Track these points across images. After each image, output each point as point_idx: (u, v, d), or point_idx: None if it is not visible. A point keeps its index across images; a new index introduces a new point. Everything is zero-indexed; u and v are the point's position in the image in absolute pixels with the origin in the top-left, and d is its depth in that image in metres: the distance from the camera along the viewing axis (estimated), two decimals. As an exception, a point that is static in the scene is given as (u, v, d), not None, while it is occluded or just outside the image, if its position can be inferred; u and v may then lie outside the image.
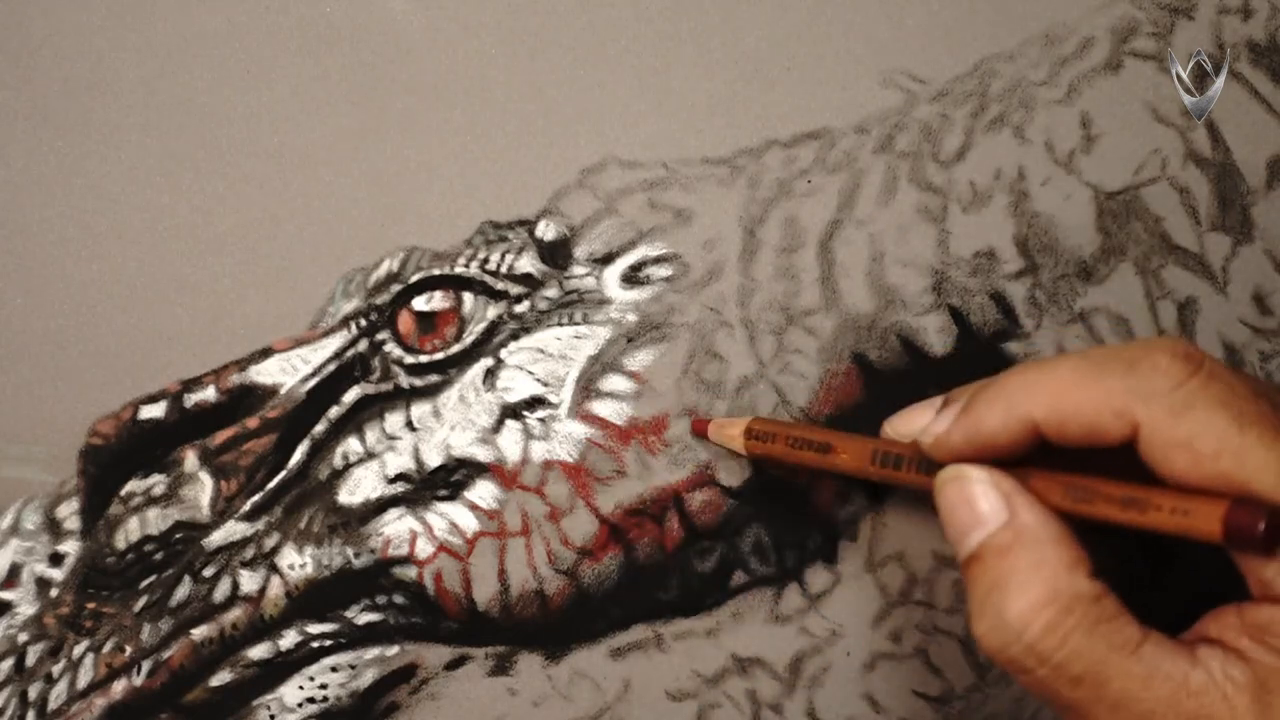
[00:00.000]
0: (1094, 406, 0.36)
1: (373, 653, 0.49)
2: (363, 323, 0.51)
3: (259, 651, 0.49)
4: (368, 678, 0.49)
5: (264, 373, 0.51)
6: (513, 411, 0.49)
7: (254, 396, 0.51)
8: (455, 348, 0.50)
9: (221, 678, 0.49)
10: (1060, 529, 0.38)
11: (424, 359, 0.50)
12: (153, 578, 0.50)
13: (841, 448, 0.44)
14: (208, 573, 0.50)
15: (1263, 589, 0.36)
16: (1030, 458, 0.39)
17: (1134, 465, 0.37)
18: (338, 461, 0.50)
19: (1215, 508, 0.35)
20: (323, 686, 0.49)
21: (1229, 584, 0.37)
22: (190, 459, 0.51)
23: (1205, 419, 0.35)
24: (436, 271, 0.51)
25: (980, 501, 0.39)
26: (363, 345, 0.51)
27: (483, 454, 0.49)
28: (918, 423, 0.42)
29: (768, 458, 0.47)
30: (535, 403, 0.49)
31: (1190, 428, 0.35)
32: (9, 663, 0.51)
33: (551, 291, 0.51)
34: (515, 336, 0.50)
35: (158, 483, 0.51)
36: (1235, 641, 0.36)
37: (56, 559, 0.52)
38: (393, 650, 0.50)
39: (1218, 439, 0.35)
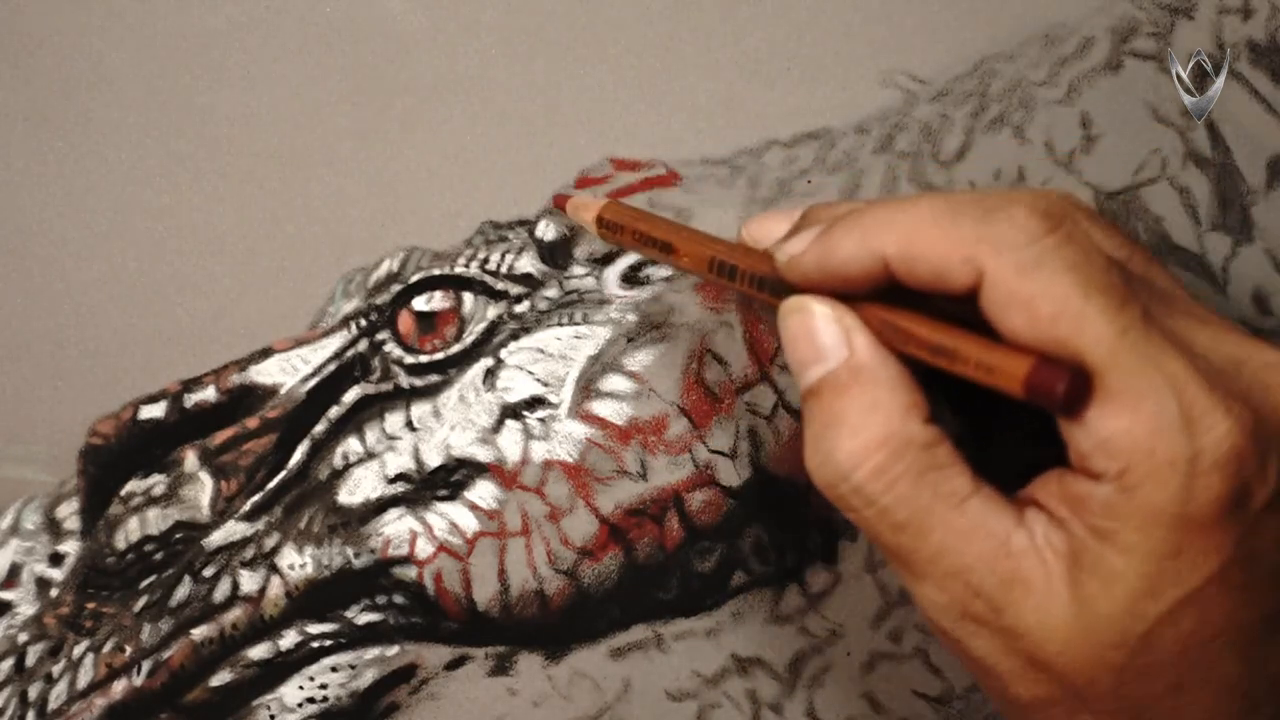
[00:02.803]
0: (943, 250, 0.35)
1: (373, 653, 0.50)
2: (363, 323, 0.51)
3: (259, 651, 0.49)
4: (368, 678, 0.50)
5: (264, 373, 0.51)
6: (513, 411, 0.49)
7: (254, 396, 0.51)
8: (455, 348, 0.50)
9: (221, 678, 0.49)
10: (899, 371, 0.37)
11: (424, 359, 0.50)
12: (153, 578, 0.50)
13: (684, 250, 0.43)
14: (208, 573, 0.50)
15: (1080, 461, 0.35)
16: (885, 296, 0.37)
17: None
18: (338, 461, 0.50)
19: (1020, 364, 0.34)
20: (323, 686, 0.49)
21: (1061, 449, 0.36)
22: (190, 459, 0.51)
23: (1049, 280, 0.34)
24: (436, 271, 0.51)
25: (821, 335, 0.38)
26: (363, 345, 0.51)
27: (483, 454, 0.49)
28: (773, 231, 0.41)
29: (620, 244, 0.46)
30: (535, 403, 0.50)
31: (1033, 287, 0.34)
32: (9, 663, 0.51)
33: (551, 291, 0.51)
34: (515, 336, 0.50)
35: (158, 483, 0.51)
36: (1057, 509, 0.35)
37: (56, 559, 0.52)
38: (393, 650, 0.50)
39: (1057, 303, 0.34)
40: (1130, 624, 0.34)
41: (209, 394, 0.51)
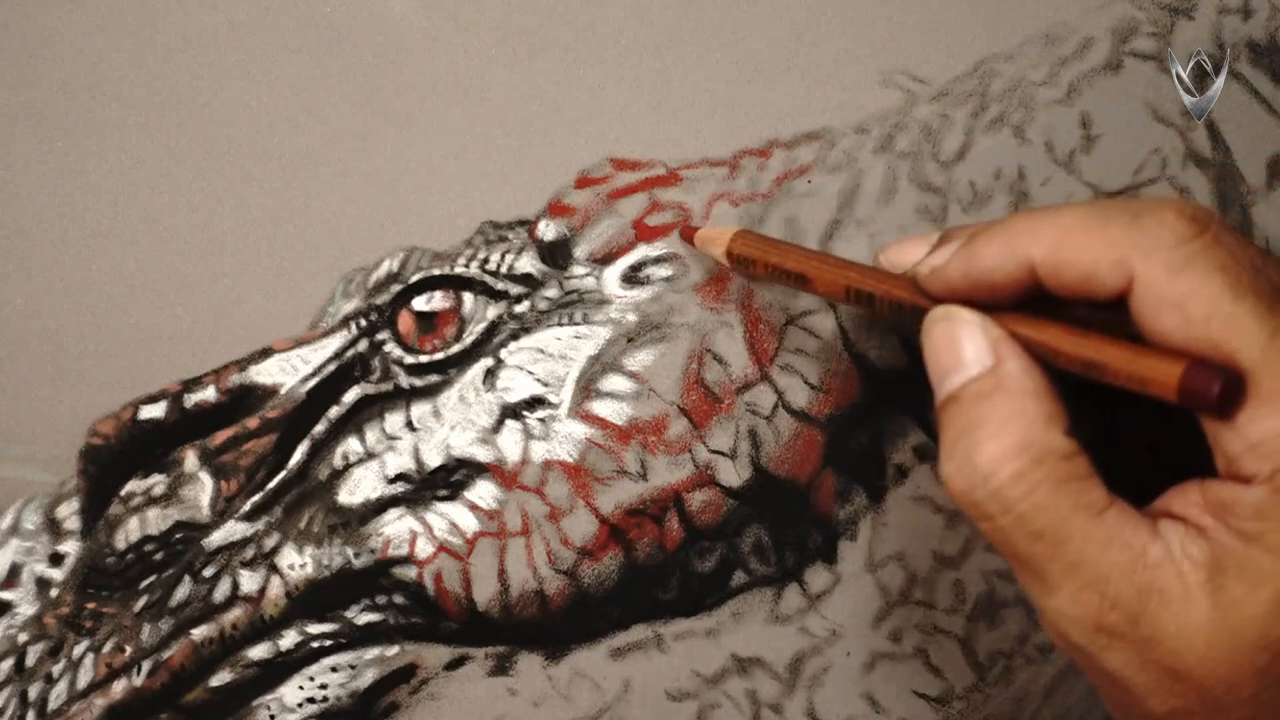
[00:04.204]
0: (1093, 254, 0.36)
1: (373, 653, 0.50)
2: (363, 323, 0.51)
3: (259, 651, 0.49)
4: (368, 678, 0.50)
5: (264, 373, 0.51)
6: (513, 411, 0.50)
7: (254, 396, 0.51)
8: (455, 348, 0.50)
9: (221, 678, 0.49)
10: (1041, 382, 0.37)
11: (424, 359, 0.50)
12: (153, 578, 0.50)
13: (818, 280, 0.43)
14: (208, 573, 0.50)
15: (1227, 465, 0.35)
16: (1022, 308, 0.38)
17: (1126, 322, 0.36)
18: (338, 461, 0.50)
19: (1172, 370, 0.34)
20: (323, 686, 0.49)
21: (1198, 459, 0.36)
22: (190, 459, 0.51)
23: (1201, 281, 0.34)
24: (436, 271, 0.51)
25: (966, 344, 0.38)
26: (363, 345, 0.51)
27: (483, 454, 0.49)
28: (910, 255, 0.42)
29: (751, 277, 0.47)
30: (535, 403, 0.50)
31: (1185, 288, 0.34)
32: (9, 663, 0.51)
33: (551, 291, 0.51)
34: (515, 336, 0.50)
35: (158, 483, 0.51)
36: (1198, 518, 0.35)
37: (56, 559, 0.52)
38: (393, 650, 0.50)
39: (1210, 303, 0.34)
40: (1276, 625, 0.34)
41: (209, 394, 0.51)
